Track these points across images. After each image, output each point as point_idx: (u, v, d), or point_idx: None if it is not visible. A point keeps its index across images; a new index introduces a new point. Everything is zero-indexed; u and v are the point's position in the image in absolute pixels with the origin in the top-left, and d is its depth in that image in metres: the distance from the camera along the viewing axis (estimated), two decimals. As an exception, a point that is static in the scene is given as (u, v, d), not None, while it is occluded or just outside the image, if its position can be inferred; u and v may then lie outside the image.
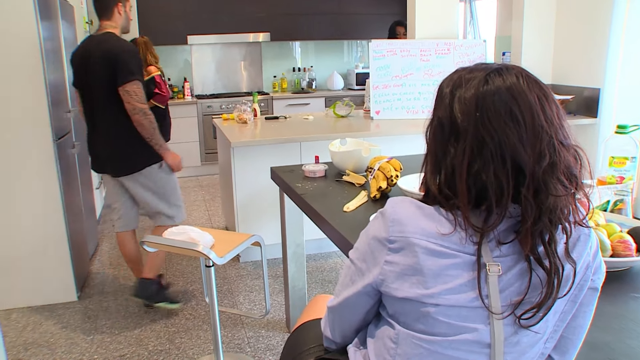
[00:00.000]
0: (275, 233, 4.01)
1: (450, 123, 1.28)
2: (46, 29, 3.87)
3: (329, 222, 2.33)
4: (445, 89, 1.33)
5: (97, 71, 3.52)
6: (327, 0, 8.24)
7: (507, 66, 1.28)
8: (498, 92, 1.23)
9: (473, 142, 1.23)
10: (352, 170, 3.06)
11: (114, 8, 3.65)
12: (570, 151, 1.25)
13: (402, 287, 1.27)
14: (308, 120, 5.25)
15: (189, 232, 2.80)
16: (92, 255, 4.99)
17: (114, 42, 3.57)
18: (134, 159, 3.68)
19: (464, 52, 5.15)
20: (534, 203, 1.21)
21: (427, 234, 1.25)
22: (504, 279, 1.24)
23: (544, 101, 1.24)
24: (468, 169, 1.23)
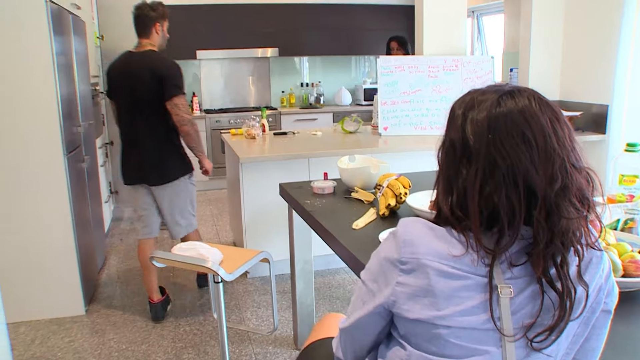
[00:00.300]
0: (283, 249, 4.00)
1: (462, 144, 1.28)
2: (59, 44, 3.90)
3: (338, 240, 2.33)
4: (457, 111, 1.33)
5: (143, 86, 3.76)
6: (335, 16, 8.26)
7: (519, 88, 1.29)
8: (510, 114, 1.23)
9: (485, 164, 1.23)
10: (361, 187, 3.05)
11: (152, 27, 3.90)
12: (582, 173, 1.25)
13: (414, 308, 1.27)
14: (316, 136, 5.26)
15: (198, 247, 2.80)
16: (100, 268, 4.99)
17: (159, 59, 3.84)
18: (171, 169, 3.94)
19: (471, 69, 5.15)
20: (546, 225, 1.21)
21: (439, 255, 1.25)
22: (516, 301, 1.24)
23: (556, 124, 1.24)
24: (480, 191, 1.23)
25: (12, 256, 3.87)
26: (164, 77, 3.74)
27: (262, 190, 4.47)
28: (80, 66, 4.61)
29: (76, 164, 4.21)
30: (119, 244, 5.70)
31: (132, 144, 3.94)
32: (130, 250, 5.51)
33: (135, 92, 3.80)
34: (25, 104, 3.73)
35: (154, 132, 3.86)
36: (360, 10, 8.35)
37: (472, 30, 8.40)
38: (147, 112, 3.82)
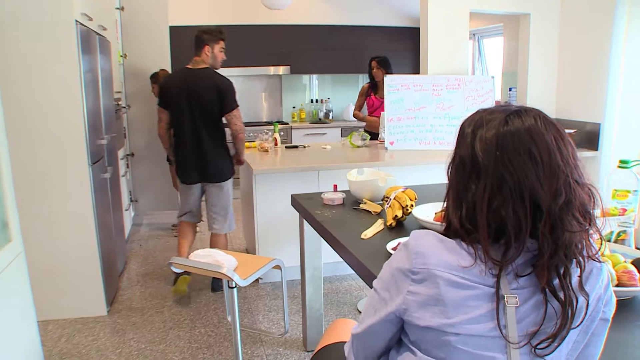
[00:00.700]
0: (293, 256, 4.00)
1: (471, 161, 1.28)
2: (86, 63, 3.93)
3: (348, 249, 2.32)
4: (467, 129, 1.33)
5: (207, 99, 4.24)
6: (343, 37, 8.28)
7: (525, 108, 1.29)
8: (517, 133, 1.24)
9: (493, 179, 1.23)
10: (369, 199, 3.05)
11: (203, 48, 4.34)
12: (585, 189, 1.26)
13: (424, 316, 1.27)
14: (326, 150, 5.26)
15: (214, 254, 2.80)
16: (121, 272, 4.99)
17: (219, 77, 4.32)
18: (225, 170, 4.43)
19: (473, 88, 5.15)
20: (550, 238, 1.21)
21: (448, 266, 1.25)
22: (521, 310, 1.24)
23: (560, 142, 1.25)
24: (488, 205, 1.24)
25: (41, 259, 3.88)
26: (225, 92, 4.27)
27: (274, 201, 4.48)
28: (104, 82, 4.63)
29: (99, 174, 4.22)
30: (138, 250, 5.70)
31: (194, 149, 4.34)
32: (149, 255, 5.51)
33: (200, 104, 4.25)
34: (54, 117, 3.76)
35: (213, 138, 4.33)
36: (367, 31, 8.37)
37: (473, 52, 8.40)
38: (209, 121, 4.30)
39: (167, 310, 4.22)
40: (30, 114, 3.72)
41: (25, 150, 3.74)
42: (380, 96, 6.00)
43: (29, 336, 2.65)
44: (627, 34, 4.79)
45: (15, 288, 2.51)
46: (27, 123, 3.72)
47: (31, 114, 3.72)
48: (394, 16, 8.50)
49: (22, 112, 3.70)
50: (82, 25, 3.90)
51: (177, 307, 4.27)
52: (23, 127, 3.71)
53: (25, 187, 3.75)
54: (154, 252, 5.61)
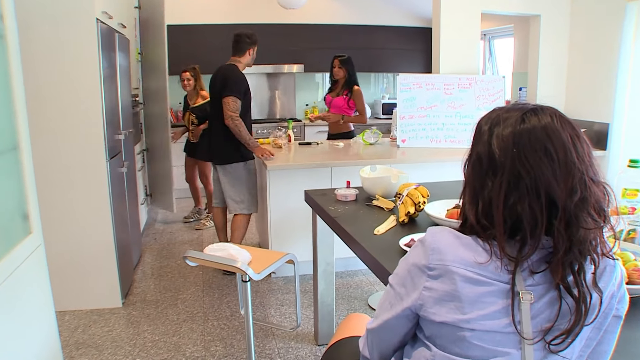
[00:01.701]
0: (305, 250, 3.99)
1: (488, 158, 1.28)
2: (106, 59, 3.95)
3: (361, 244, 2.32)
4: (484, 126, 1.33)
5: (216, 87, 4.64)
6: (357, 36, 8.27)
7: (542, 107, 1.29)
8: (534, 131, 1.23)
9: (510, 176, 1.23)
10: (382, 196, 3.04)
11: (247, 50, 4.73)
12: (600, 187, 1.25)
13: (440, 312, 1.26)
14: (338, 147, 5.25)
15: (228, 249, 2.80)
16: (136, 265, 5.01)
17: (230, 67, 4.67)
18: (227, 154, 4.64)
19: (484, 87, 5.12)
20: (565, 235, 1.21)
21: (465, 262, 1.24)
22: (536, 307, 1.23)
23: (576, 140, 1.24)
24: (504, 201, 1.23)
25: (59, 251, 3.90)
26: (226, 79, 4.55)
27: (287, 196, 4.48)
28: (123, 79, 4.65)
29: (117, 168, 4.24)
30: (153, 243, 5.72)
31: (207, 131, 4.93)
32: (163, 249, 5.53)
33: (213, 92, 4.69)
34: (74, 112, 3.78)
35: (221, 123, 4.56)
36: (380, 31, 8.36)
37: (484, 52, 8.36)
38: (217, 107, 4.61)
39: (181, 303, 4.23)
40: (51, 109, 3.75)
41: (45, 143, 3.76)
42: (332, 95, 5.77)
43: (48, 326, 2.66)
44: (636, 35, 4.76)
45: (34, 279, 2.52)
46: (48, 118, 3.75)
47: (52, 109, 3.75)
48: (406, 17, 8.48)
49: (44, 107, 3.73)
50: (103, 24, 3.92)
51: (190, 300, 4.28)
52: (44, 121, 3.74)
53: (44, 180, 3.76)
54: (169, 246, 5.63)
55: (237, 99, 4.52)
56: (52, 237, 3.80)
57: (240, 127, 4.48)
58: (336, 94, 5.72)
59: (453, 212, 2.44)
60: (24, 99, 2.48)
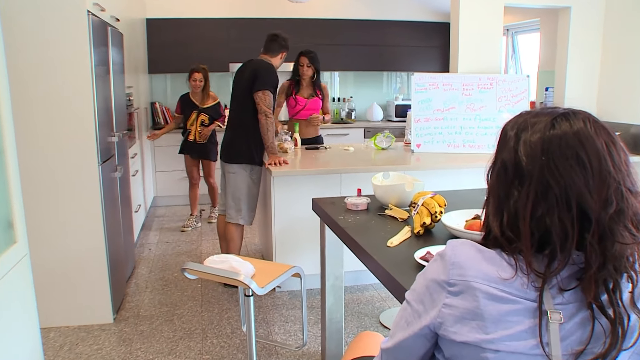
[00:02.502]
0: (312, 263, 3.99)
1: (514, 166, 1.27)
2: (98, 55, 3.96)
3: (372, 257, 2.30)
4: (509, 132, 1.32)
5: (243, 81, 4.66)
6: (368, 32, 8.28)
7: (574, 111, 1.27)
8: (565, 137, 1.22)
9: (538, 185, 1.22)
10: (395, 205, 3.03)
11: (280, 53, 4.84)
12: (638, 198, 1.23)
13: (461, 331, 1.25)
14: (348, 152, 5.25)
15: (230, 260, 2.79)
16: (129, 278, 5.02)
17: (262, 62, 4.72)
18: (236, 152, 4.66)
19: (506, 87, 5.11)
20: (598, 250, 1.19)
21: (488, 278, 1.23)
22: (566, 327, 1.21)
23: (612, 147, 1.22)
24: (532, 213, 1.22)
25: (45, 262, 3.91)
26: (258, 73, 4.57)
27: (293, 205, 4.47)
28: (116, 76, 4.66)
29: (109, 173, 4.25)
30: (148, 254, 5.73)
31: (226, 128, 4.87)
32: (159, 260, 5.53)
33: (239, 86, 4.71)
34: (64, 113, 3.79)
35: (239, 119, 4.68)
36: (393, 26, 8.37)
37: (507, 49, 8.36)
38: (242, 102, 4.66)
39: (177, 319, 4.23)
40: (38, 109, 3.75)
41: (32, 146, 3.77)
42: (303, 96, 5.62)
43: (31, 344, 2.65)
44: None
45: (18, 292, 2.52)
46: (34, 119, 3.75)
47: (39, 109, 3.76)
48: (422, 10, 8.48)
49: (30, 107, 3.73)
50: (94, 16, 3.93)
51: (188, 316, 4.27)
52: (30, 122, 3.74)
53: (31, 185, 3.77)
54: (164, 257, 5.63)
55: (271, 94, 4.60)
56: (38, 247, 3.81)
57: (270, 127, 4.53)
58: (309, 94, 5.62)
59: (472, 223, 2.42)
60: (9, 99, 2.48)
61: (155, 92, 8.28)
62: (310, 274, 3.94)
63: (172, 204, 7.78)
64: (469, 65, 5.51)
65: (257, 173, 4.73)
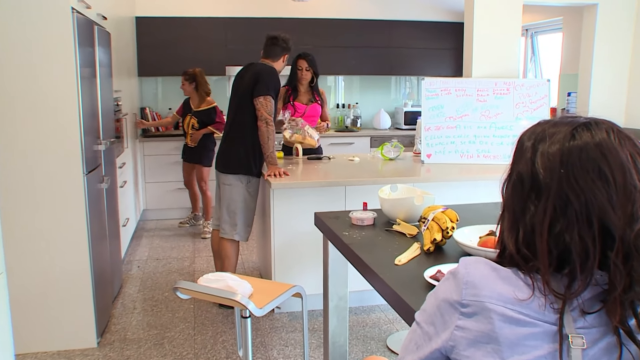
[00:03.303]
0: (314, 283, 3.99)
1: (531, 179, 1.28)
2: (83, 56, 3.98)
3: (379, 276, 2.31)
4: (526, 142, 1.33)
5: (244, 85, 4.68)
6: (375, 33, 8.30)
7: (596, 120, 1.28)
8: (586, 148, 1.23)
9: (556, 200, 1.23)
10: (404, 220, 3.03)
11: (282, 56, 4.90)
12: None
13: (475, 355, 1.25)
14: (354, 162, 5.26)
15: (226, 279, 2.80)
16: (115, 297, 5.02)
17: (264, 65, 4.78)
18: (234, 161, 4.69)
19: (524, 93, 5.12)
20: (624, 270, 1.19)
21: (503, 299, 1.23)
22: (589, 353, 1.21)
23: (638, 159, 1.23)
24: (549, 229, 1.23)
25: (23, 281, 3.90)
26: (260, 77, 4.61)
27: (294, 219, 4.48)
28: (103, 79, 4.69)
29: (95, 185, 4.26)
30: (136, 272, 5.73)
31: (223, 135, 4.90)
32: (148, 278, 5.54)
33: (239, 91, 4.74)
34: (46, 117, 3.79)
35: (238, 125, 4.72)
36: (403, 27, 8.39)
37: (526, 50, 8.37)
38: (241, 108, 4.69)
39: (168, 343, 4.23)
40: (18, 114, 3.75)
41: (10, 155, 3.77)
42: (302, 102, 5.59)
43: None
44: None
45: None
46: (13, 125, 3.75)
47: (19, 114, 3.75)
48: (433, 9, 8.52)
49: (8, 111, 3.73)
50: (79, 14, 3.95)
51: (179, 339, 4.27)
52: (9, 129, 3.74)
53: (8, 197, 3.78)
54: (154, 275, 5.64)
55: (273, 100, 4.65)
56: (16, 265, 3.81)
57: (270, 135, 4.57)
58: (308, 100, 5.60)
59: (487, 239, 2.43)
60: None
61: (146, 97, 8.32)
62: (312, 294, 3.94)
63: (163, 218, 7.78)
64: (484, 69, 5.52)
65: (255, 185, 4.74)
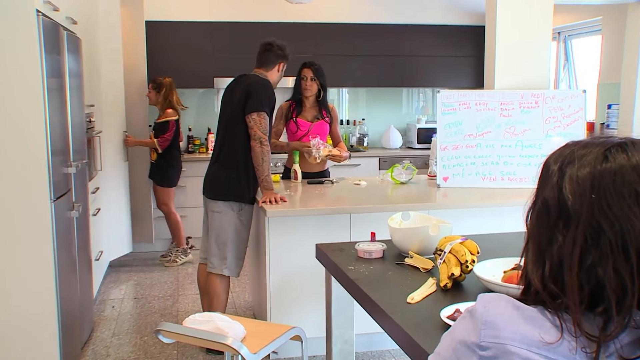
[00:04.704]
0: (315, 324, 3.99)
1: (558, 206, 1.29)
2: (51, 65, 3.98)
3: (389, 316, 2.32)
4: (552, 166, 1.35)
5: (235, 101, 4.71)
6: (385, 39, 8.33)
7: (633, 140, 1.29)
8: (620, 171, 1.24)
9: (587, 229, 1.23)
10: (417, 252, 3.05)
11: (277, 65, 4.92)
12: None
13: None
14: (360, 187, 5.27)
15: (215, 320, 2.81)
16: (85, 343, 5.00)
17: (256, 78, 4.80)
18: (224, 187, 4.71)
19: (556, 106, 5.12)
20: None
21: (528, 341, 1.24)
22: None
23: None
24: (580, 262, 1.24)
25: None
26: (252, 91, 4.63)
27: (292, 251, 4.49)
28: (74, 92, 4.72)
29: (64, 212, 4.26)
30: (110, 312, 5.73)
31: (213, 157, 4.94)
32: (125, 320, 5.54)
33: (230, 107, 4.76)
34: (7, 135, 3.68)
35: (229, 147, 4.76)
36: (415, 32, 8.42)
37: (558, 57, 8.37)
38: (231, 126, 4.74)
39: (147, 395, 4.22)
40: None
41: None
42: (306, 118, 5.59)
43: None
44: None
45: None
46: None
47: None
48: (450, 12, 8.52)
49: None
50: (46, 17, 3.94)
51: (159, 391, 4.27)
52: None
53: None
54: (132, 316, 5.64)
55: (267, 116, 4.67)
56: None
57: (265, 156, 4.60)
58: (313, 117, 5.59)
59: (511, 274, 2.44)
60: None
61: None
62: (313, 336, 3.95)
63: (142, 250, 7.77)
64: (509, 79, 5.51)
65: (247, 213, 4.75)
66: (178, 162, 7.22)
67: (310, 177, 5.50)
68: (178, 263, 7.15)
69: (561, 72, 8.42)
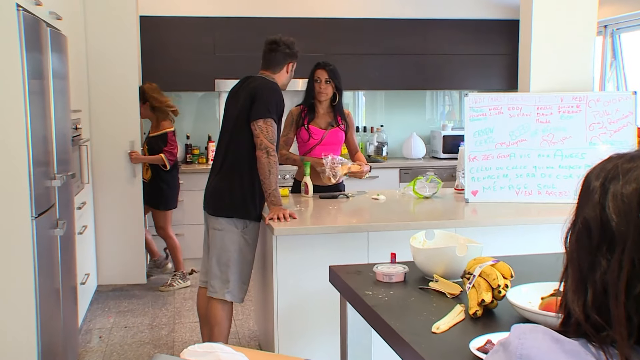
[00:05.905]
0: (328, 355, 3.98)
1: (600, 226, 1.29)
2: (32, 65, 3.98)
3: (412, 347, 2.32)
4: (594, 182, 1.34)
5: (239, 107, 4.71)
6: (406, 37, 8.35)
7: None
8: None
9: (634, 252, 1.23)
10: (442, 276, 3.04)
11: (285, 66, 4.93)
12: None
13: None
14: (378, 201, 5.27)
15: (217, 351, 2.79)
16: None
17: (262, 80, 4.80)
18: (227, 201, 4.70)
19: (601, 110, 5.09)
20: None
21: None
22: None
23: None
24: (627, 289, 1.23)
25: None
26: (258, 96, 4.63)
27: (302, 274, 4.49)
28: (58, 95, 4.72)
29: (47, 231, 4.26)
30: (97, 344, 5.73)
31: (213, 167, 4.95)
32: (113, 352, 5.54)
33: (234, 113, 4.77)
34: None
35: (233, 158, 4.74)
36: (440, 27, 8.46)
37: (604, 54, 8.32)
38: (234, 134, 4.75)
39: None
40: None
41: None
42: (319, 126, 5.61)
43: None
44: None
45: None
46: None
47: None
48: (479, 4, 8.55)
49: None
50: (27, 12, 3.95)
51: None
52: None
53: None
54: (122, 347, 5.64)
55: (275, 123, 4.67)
56: None
57: (272, 168, 4.58)
58: (328, 123, 5.59)
59: (550, 301, 2.43)
60: None
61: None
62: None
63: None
64: (547, 80, 5.49)
65: (253, 231, 4.75)
66: (175, 180, 7.17)
67: (323, 191, 5.48)
68: (175, 287, 7.09)
69: (607, 71, 8.36)
